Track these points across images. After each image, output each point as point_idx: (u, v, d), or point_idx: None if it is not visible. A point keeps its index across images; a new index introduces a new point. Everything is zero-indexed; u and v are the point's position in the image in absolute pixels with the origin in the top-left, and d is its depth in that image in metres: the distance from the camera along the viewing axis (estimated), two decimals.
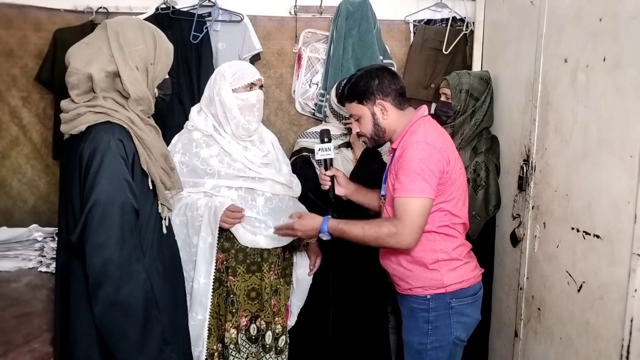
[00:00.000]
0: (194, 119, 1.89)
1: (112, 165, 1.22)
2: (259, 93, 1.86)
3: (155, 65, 1.38)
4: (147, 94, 1.35)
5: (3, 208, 2.80)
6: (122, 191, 1.22)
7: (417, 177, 1.53)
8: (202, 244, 1.77)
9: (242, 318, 1.85)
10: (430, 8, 2.74)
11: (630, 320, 1.32)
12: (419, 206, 1.53)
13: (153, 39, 1.38)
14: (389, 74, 1.69)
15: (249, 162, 1.85)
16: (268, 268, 1.87)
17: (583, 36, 1.56)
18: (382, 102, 1.66)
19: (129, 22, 1.37)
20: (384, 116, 1.68)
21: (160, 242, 1.42)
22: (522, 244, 1.94)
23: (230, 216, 1.74)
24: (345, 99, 1.75)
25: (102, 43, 1.32)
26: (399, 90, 1.68)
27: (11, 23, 2.67)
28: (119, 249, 1.20)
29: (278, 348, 1.92)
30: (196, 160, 1.83)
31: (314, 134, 2.35)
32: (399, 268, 1.69)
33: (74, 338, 1.30)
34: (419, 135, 1.60)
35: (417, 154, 1.55)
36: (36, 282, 2.12)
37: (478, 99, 2.20)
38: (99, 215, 1.19)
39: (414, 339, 1.68)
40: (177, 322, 1.50)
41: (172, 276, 1.49)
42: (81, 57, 1.30)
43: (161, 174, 1.39)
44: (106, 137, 1.24)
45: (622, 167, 1.36)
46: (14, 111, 2.74)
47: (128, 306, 1.21)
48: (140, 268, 1.24)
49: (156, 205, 1.40)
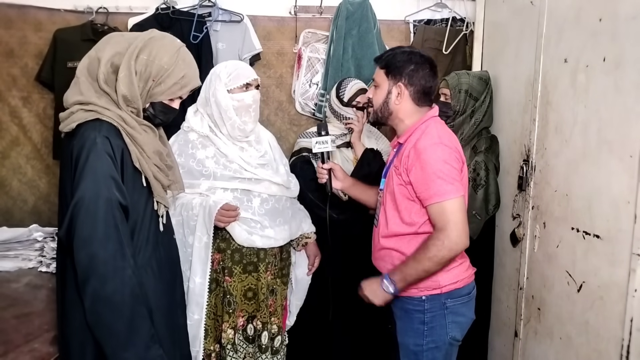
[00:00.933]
0: (190, 120, 1.88)
1: (96, 162, 1.22)
2: (255, 93, 1.85)
3: (159, 85, 1.36)
4: (138, 98, 1.33)
5: (3, 208, 2.80)
6: (106, 188, 1.22)
7: (447, 178, 1.51)
8: (198, 244, 1.76)
9: (239, 318, 1.85)
10: (430, 8, 2.75)
11: (630, 320, 1.32)
12: (457, 206, 1.51)
13: (181, 66, 1.36)
14: (429, 69, 1.64)
15: (245, 163, 1.84)
16: (265, 268, 1.87)
17: (583, 36, 1.56)
18: (403, 87, 1.63)
19: (166, 40, 1.38)
20: (397, 100, 1.64)
21: (156, 240, 1.42)
22: (522, 244, 1.94)
23: (225, 215, 1.74)
24: (378, 62, 1.70)
25: (131, 41, 1.33)
26: (426, 88, 1.63)
27: (11, 23, 2.67)
28: (103, 245, 1.20)
29: (274, 348, 1.92)
30: (192, 161, 1.82)
31: (314, 133, 2.35)
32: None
33: (69, 334, 1.32)
34: (434, 136, 1.57)
35: (438, 156, 1.52)
36: (36, 282, 2.12)
37: (477, 99, 2.20)
38: (83, 211, 1.20)
39: (410, 340, 1.66)
40: (174, 322, 1.50)
41: (168, 275, 1.48)
42: (110, 45, 1.32)
43: (155, 171, 1.38)
44: (92, 135, 1.25)
45: (622, 167, 1.36)
46: (14, 111, 2.74)
47: (114, 302, 1.21)
48: (126, 264, 1.24)
49: (152, 202, 1.40)
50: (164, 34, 1.41)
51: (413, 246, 1.61)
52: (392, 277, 1.58)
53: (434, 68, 1.66)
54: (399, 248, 1.65)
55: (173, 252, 1.54)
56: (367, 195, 1.92)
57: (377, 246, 1.72)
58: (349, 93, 2.26)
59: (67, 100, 1.33)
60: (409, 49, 1.69)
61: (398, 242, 1.65)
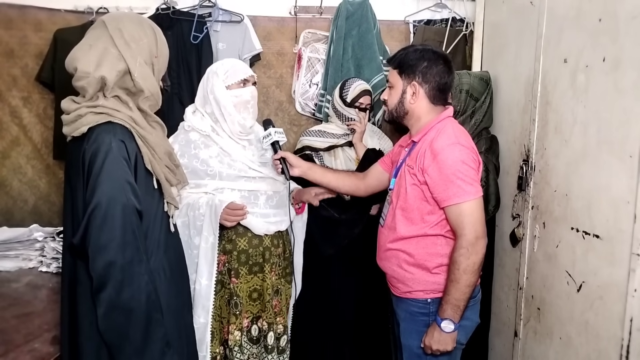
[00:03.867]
0: (190, 119, 1.88)
1: (113, 167, 1.20)
2: (252, 89, 1.86)
3: (159, 57, 1.37)
4: (157, 88, 1.35)
5: (3, 208, 2.80)
6: (123, 193, 1.21)
7: (466, 179, 1.49)
8: (204, 244, 1.76)
9: (244, 319, 1.85)
10: (430, 8, 2.75)
11: (630, 320, 1.32)
12: (476, 207, 1.50)
13: (152, 31, 1.37)
14: (443, 64, 1.60)
15: (249, 162, 1.86)
16: (269, 269, 1.87)
17: (583, 36, 1.56)
18: (417, 85, 1.60)
19: (128, 18, 1.36)
20: (412, 100, 1.62)
21: (167, 242, 1.41)
22: (522, 244, 1.94)
23: (231, 214, 1.73)
24: (390, 63, 1.68)
25: (107, 42, 1.29)
26: (441, 85, 1.60)
27: (11, 23, 2.67)
28: (121, 251, 1.19)
29: (280, 348, 1.92)
30: (195, 161, 1.82)
31: (317, 132, 2.36)
32: (399, 270, 1.65)
33: (82, 340, 1.29)
34: (450, 136, 1.55)
35: (457, 157, 1.51)
36: (36, 282, 2.12)
37: (478, 99, 2.20)
38: (101, 217, 1.18)
39: (414, 342, 1.65)
40: (182, 323, 1.49)
41: (178, 276, 1.48)
42: (89, 61, 1.27)
43: (166, 172, 1.38)
44: (107, 139, 1.22)
45: (622, 167, 1.36)
46: (15, 111, 2.74)
47: (130, 309, 1.20)
48: (143, 270, 1.23)
49: (162, 204, 1.39)
50: (112, 16, 1.37)
51: (421, 248, 1.60)
52: (444, 317, 1.53)
53: (448, 63, 1.62)
54: (406, 249, 1.63)
55: (180, 254, 1.54)
56: (327, 178, 1.90)
57: (383, 247, 1.70)
58: (352, 94, 2.26)
59: (68, 109, 1.31)
60: (422, 46, 1.65)
61: (406, 243, 1.63)
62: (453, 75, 1.64)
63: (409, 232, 1.62)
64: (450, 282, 1.52)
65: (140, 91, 1.30)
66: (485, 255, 1.55)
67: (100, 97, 1.28)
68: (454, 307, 1.51)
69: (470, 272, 1.49)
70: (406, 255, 1.63)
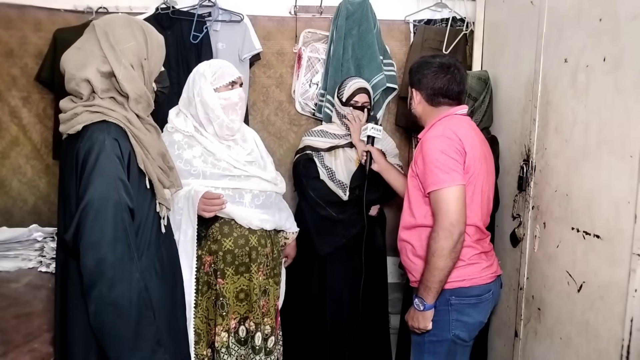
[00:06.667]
0: (173, 121, 1.87)
1: (106, 165, 1.21)
2: (240, 91, 1.86)
3: (149, 59, 1.37)
4: (145, 90, 1.35)
5: (3, 208, 2.80)
6: (115, 190, 1.22)
7: (443, 167, 1.57)
8: (183, 238, 1.73)
9: (231, 320, 1.83)
10: (430, 8, 2.75)
11: (630, 320, 1.32)
12: (452, 194, 1.56)
13: (142, 33, 1.36)
14: (442, 72, 1.72)
15: (234, 161, 1.84)
16: (257, 268, 1.86)
17: (583, 36, 1.56)
18: (416, 92, 1.78)
19: (116, 20, 1.36)
20: (414, 104, 1.80)
21: (158, 242, 1.42)
22: (522, 244, 1.94)
23: (208, 204, 1.72)
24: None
25: (93, 45, 1.31)
26: (437, 90, 1.73)
27: (11, 23, 2.67)
28: (112, 248, 1.19)
29: (267, 349, 1.90)
30: (179, 162, 1.79)
31: (319, 132, 2.36)
32: (407, 260, 1.75)
33: (72, 337, 1.30)
34: (437, 130, 1.67)
35: (437, 147, 1.60)
36: (36, 282, 2.12)
37: (477, 99, 2.19)
38: (93, 214, 1.19)
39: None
40: (175, 322, 1.49)
41: (170, 276, 1.48)
42: (75, 62, 1.29)
43: (159, 172, 1.38)
44: (101, 137, 1.23)
45: (622, 167, 1.36)
46: (14, 111, 2.74)
47: (121, 306, 1.20)
48: (134, 268, 1.23)
49: (154, 204, 1.40)
50: (103, 19, 1.36)
51: (421, 239, 1.67)
52: (417, 294, 1.65)
53: (443, 66, 1.74)
54: (410, 240, 1.72)
55: (174, 254, 1.54)
56: (397, 181, 2.06)
57: (398, 238, 1.80)
58: (347, 92, 2.27)
59: (65, 108, 1.32)
60: (430, 56, 1.81)
61: (410, 234, 1.73)
62: (449, 76, 1.73)
63: (410, 223, 1.72)
64: (425, 265, 1.62)
65: (126, 94, 1.31)
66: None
67: (97, 97, 1.29)
68: (425, 287, 1.60)
69: (439, 255, 1.55)
70: (410, 245, 1.72)
